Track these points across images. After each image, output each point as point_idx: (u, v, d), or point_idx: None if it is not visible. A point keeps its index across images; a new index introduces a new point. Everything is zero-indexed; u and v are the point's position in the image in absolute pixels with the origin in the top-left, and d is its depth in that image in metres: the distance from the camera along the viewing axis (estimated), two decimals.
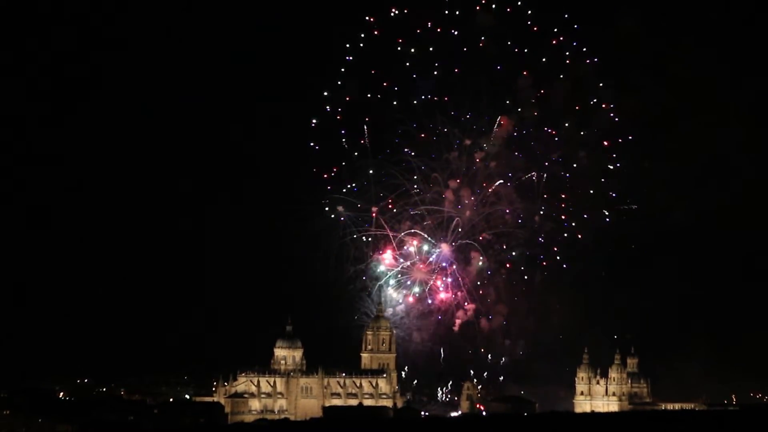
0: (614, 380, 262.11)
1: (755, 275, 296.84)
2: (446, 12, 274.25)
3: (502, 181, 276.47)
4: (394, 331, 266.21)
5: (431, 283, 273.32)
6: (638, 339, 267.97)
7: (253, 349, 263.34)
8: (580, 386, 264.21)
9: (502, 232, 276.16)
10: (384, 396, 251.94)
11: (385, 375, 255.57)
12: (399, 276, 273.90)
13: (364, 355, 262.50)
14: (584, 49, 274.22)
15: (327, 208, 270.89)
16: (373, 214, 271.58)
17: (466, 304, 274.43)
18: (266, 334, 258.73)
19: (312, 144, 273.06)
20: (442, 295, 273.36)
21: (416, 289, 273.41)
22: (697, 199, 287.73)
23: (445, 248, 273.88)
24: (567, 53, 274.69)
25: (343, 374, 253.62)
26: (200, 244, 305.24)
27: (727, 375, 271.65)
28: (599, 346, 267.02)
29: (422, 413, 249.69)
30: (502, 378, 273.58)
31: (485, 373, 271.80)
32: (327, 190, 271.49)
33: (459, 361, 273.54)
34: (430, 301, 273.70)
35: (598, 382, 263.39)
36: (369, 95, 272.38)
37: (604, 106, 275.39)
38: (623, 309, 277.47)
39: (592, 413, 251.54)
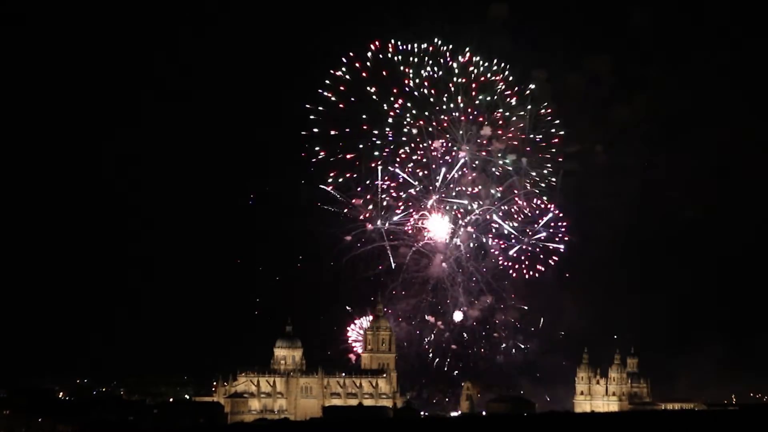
0: (614, 380, 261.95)
1: (756, 275, 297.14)
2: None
3: (517, 175, 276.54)
4: (401, 325, 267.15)
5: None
6: (638, 339, 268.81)
7: (253, 349, 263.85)
8: (580, 386, 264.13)
9: (518, 227, 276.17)
10: (384, 396, 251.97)
11: (385, 375, 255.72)
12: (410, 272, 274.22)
13: (364, 355, 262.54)
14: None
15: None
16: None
17: (480, 297, 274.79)
18: (266, 334, 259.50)
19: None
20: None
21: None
22: (698, 200, 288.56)
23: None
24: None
25: (343, 374, 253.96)
26: (200, 241, 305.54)
27: (727, 375, 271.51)
28: (599, 346, 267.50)
29: (422, 413, 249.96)
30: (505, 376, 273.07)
31: (489, 372, 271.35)
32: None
33: (461, 359, 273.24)
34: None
35: (598, 382, 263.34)
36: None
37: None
38: (624, 308, 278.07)
39: (592, 413, 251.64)
